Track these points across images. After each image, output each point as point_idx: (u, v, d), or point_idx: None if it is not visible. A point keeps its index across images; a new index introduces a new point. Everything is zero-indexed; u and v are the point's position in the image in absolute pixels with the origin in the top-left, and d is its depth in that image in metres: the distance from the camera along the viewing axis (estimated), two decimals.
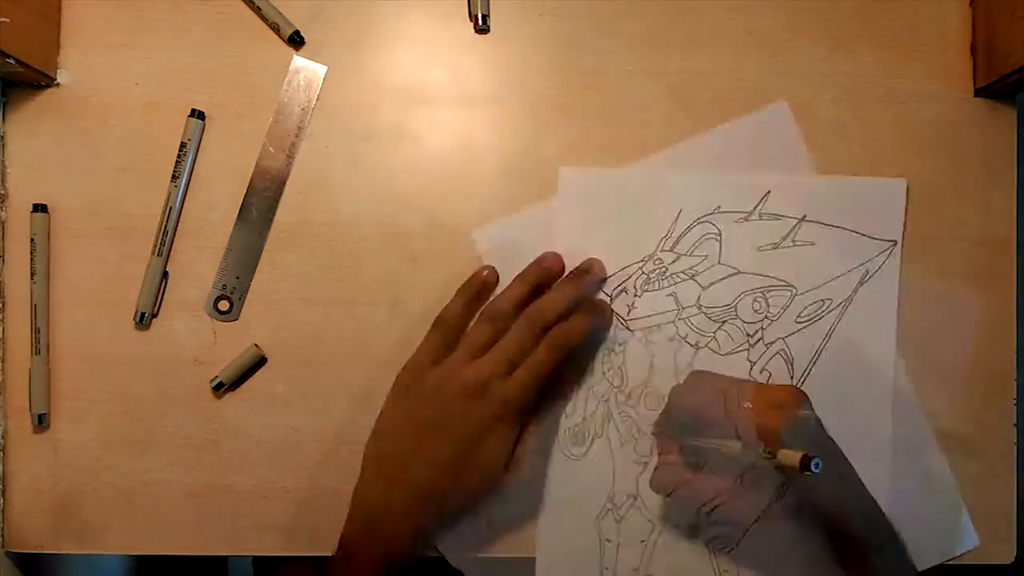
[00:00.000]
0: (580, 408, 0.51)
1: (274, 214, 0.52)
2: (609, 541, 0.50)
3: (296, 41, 0.51)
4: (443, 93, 0.52)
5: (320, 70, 0.52)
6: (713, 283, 0.51)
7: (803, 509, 0.45)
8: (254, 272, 0.51)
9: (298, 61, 0.52)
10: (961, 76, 0.52)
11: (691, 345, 0.51)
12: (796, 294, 0.51)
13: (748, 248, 0.51)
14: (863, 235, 0.51)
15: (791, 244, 0.51)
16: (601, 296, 0.51)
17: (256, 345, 0.51)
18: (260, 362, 0.51)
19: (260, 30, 0.52)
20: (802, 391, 0.45)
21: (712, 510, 0.46)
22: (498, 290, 0.51)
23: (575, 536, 0.51)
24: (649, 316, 0.51)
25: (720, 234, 0.51)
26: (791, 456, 0.39)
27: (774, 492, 0.44)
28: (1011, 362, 0.52)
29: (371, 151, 0.52)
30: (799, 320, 0.51)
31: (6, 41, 0.45)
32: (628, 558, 0.50)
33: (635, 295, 0.51)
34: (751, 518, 0.46)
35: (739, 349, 0.51)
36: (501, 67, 0.52)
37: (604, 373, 0.51)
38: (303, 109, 0.52)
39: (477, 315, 0.49)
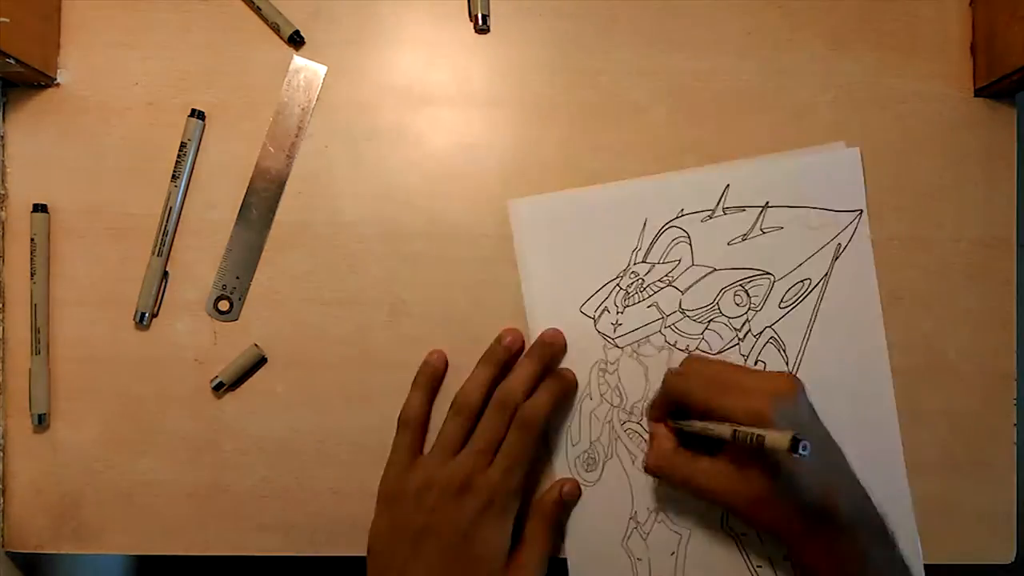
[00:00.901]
0: (585, 434, 0.51)
1: (274, 214, 0.52)
2: (640, 560, 0.50)
3: (296, 41, 0.51)
4: (443, 93, 0.52)
5: (320, 70, 0.52)
6: (691, 285, 0.51)
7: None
8: (254, 272, 0.51)
9: (298, 61, 0.52)
10: (961, 76, 0.52)
11: (681, 350, 0.51)
12: (775, 280, 0.51)
13: (719, 244, 0.51)
14: (828, 210, 0.51)
15: (760, 232, 0.51)
16: (583, 319, 0.51)
17: (256, 345, 0.51)
18: (260, 362, 0.51)
19: (260, 30, 0.52)
20: (796, 378, 0.45)
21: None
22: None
23: (605, 562, 0.51)
24: (635, 330, 0.51)
25: (689, 236, 0.51)
26: (779, 438, 0.39)
27: (767, 475, 0.43)
28: (1011, 362, 0.52)
29: (371, 151, 0.52)
30: (783, 305, 0.51)
31: (6, 41, 0.45)
32: (662, 572, 0.50)
33: (618, 312, 0.51)
34: (749, 504, 0.45)
35: (730, 346, 0.51)
36: (501, 67, 0.52)
37: (602, 395, 0.51)
38: (303, 109, 0.52)
39: (449, 409, 0.49)
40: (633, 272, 0.51)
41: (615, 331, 0.51)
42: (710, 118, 0.52)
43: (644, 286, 0.51)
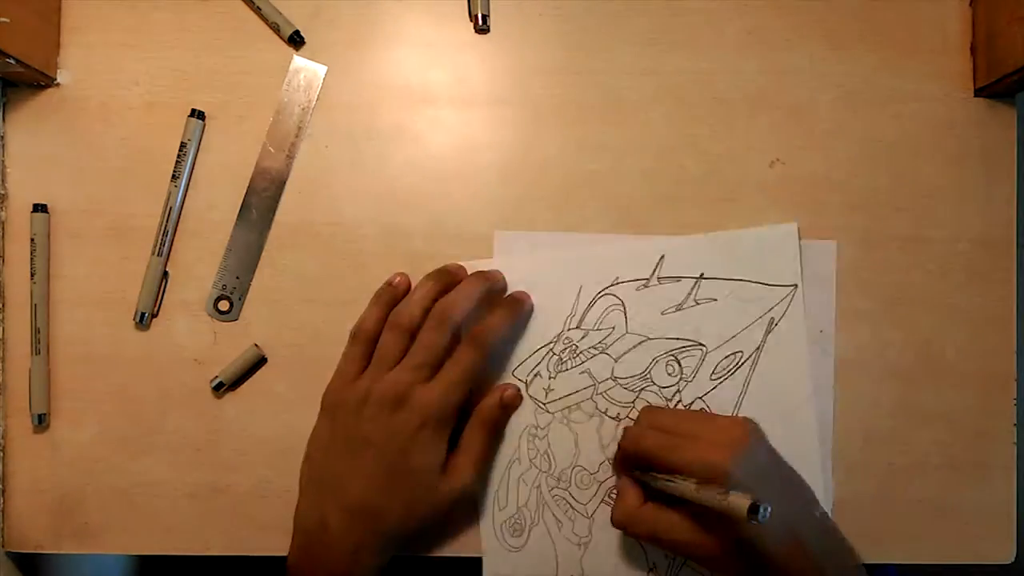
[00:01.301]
0: (513, 498, 0.51)
1: (274, 214, 0.52)
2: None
3: (296, 41, 0.51)
4: (443, 93, 0.52)
5: (320, 70, 0.52)
6: (624, 353, 0.51)
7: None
8: (254, 272, 0.51)
9: (298, 61, 0.52)
10: (961, 76, 0.52)
11: (612, 418, 0.51)
12: (707, 351, 0.51)
13: (653, 313, 0.51)
14: (762, 283, 0.51)
15: (694, 303, 0.51)
16: (515, 382, 0.51)
17: (256, 345, 0.51)
18: (260, 362, 0.51)
19: (260, 30, 0.52)
20: (750, 421, 0.45)
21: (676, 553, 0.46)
22: None
23: None
24: (567, 396, 0.51)
25: (623, 304, 0.51)
26: (737, 506, 0.38)
27: (733, 528, 0.43)
28: (1011, 362, 0.52)
29: (371, 151, 0.52)
30: (714, 377, 0.51)
31: (6, 41, 0.45)
32: None
33: (550, 377, 0.51)
34: (716, 556, 0.44)
35: None
36: (501, 67, 0.52)
37: (531, 460, 0.51)
38: (303, 109, 0.52)
39: (388, 327, 0.49)
40: (567, 338, 0.51)
41: (547, 396, 0.51)
42: (710, 118, 0.52)
43: (577, 352, 0.51)
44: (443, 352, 0.47)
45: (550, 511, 0.51)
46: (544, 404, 0.51)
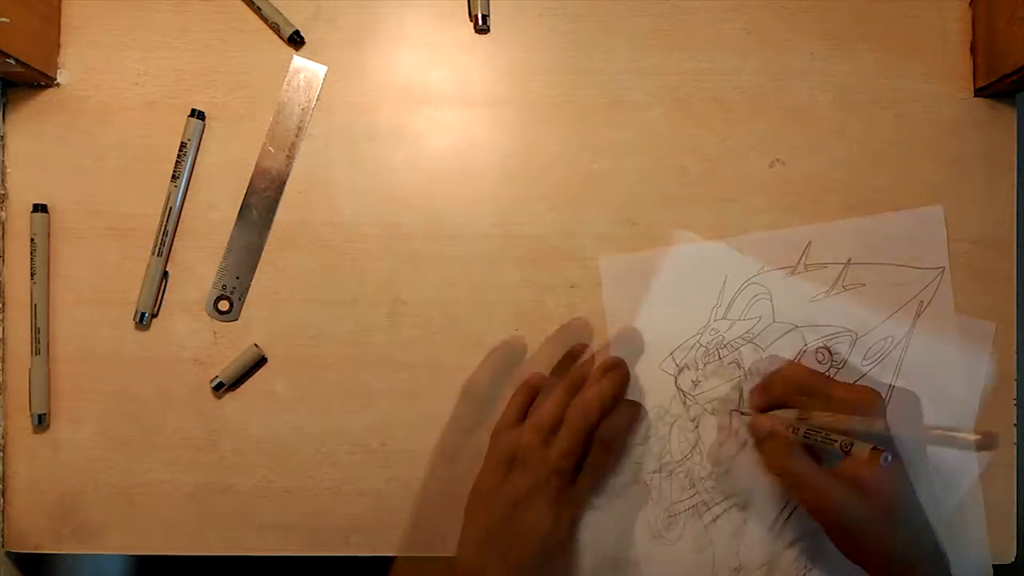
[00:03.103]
0: (667, 492, 0.51)
1: (274, 214, 0.52)
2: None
3: (296, 41, 0.51)
4: (443, 93, 0.52)
5: (320, 70, 0.52)
6: (772, 342, 0.51)
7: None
8: (254, 272, 0.51)
9: (298, 61, 0.52)
10: (961, 76, 0.52)
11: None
12: (857, 338, 0.50)
13: (801, 301, 0.50)
14: (911, 267, 0.51)
15: (842, 289, 0.50)
16: (663, 375, 0.51)
17: (256, 345, 0.51)
18: (260, 362, 0.51)
19: (260, 30, 0.52)
20: (878, 393, 0.45)
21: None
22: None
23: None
24: (715, 387, 0.51)
25: (770, 293, 0.51)
26: (862, 448, 0.40)
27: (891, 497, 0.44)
28: (1011, 362, 0.52)
29: (371, 151, 0.52)
30: (865, 362, 0.50)
31: (6, 41, 0.45)
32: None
33: (698, 369, 0.51)
34: (862, 523, 0.44)
35: None
36: (501, 67, 0.52)
37: (683, 453, 0.51)
38: (303, 109, 0.52)
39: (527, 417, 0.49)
40: (713, 329, 0.51)
41: (695, 388, 0.51)
42: (710, 118, 0.52)
43: (724, 343, 0.51)
44: (580, 457, 0.47)
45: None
46: (693, 396, 0.51)
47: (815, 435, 0.43)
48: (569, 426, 0.46)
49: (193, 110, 0.51)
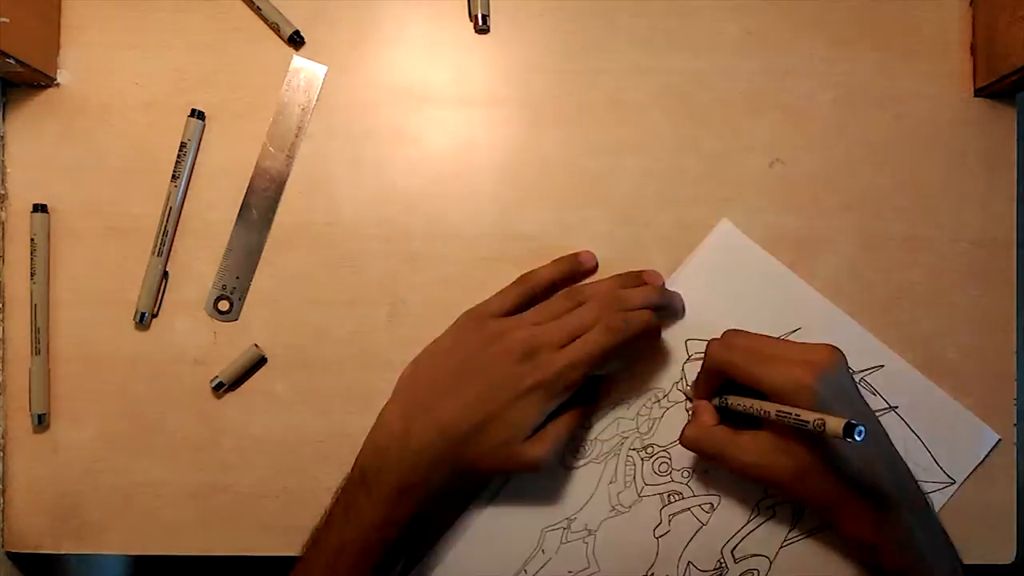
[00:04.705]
0: (598, 428, 0.51)
1: (274, 214, 0.52)
2: (543, 553, 0.50)
3: (296, 41, 0.51)
4: (443, 93, 0.52)
5: (320, 70, 0.52)
6: None
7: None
8: (254, 272, 0.51)
9: (298, 61, 0.52)
10: (961, 76, 0.52)
11: None
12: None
13: None
14: (932, 459, 0.51)
15: (883, 409, 0.51)
16: (677, 355, 0.51)
17: (256, 345, 0.51)
18: (260, 362, 0.51)
19: (260, 30, 0.52)
20: (837, 349, 0.45)
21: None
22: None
23: (515, 534, 0.50)
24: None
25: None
26: (833, 424, 0.38)
27: (809, 449, 0.44)
28: (1011, 362, 0.52)
29: (371, 151, 0.52)
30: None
31: (6, 41, 0.45)
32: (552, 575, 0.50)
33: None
34: (784, 478, 0.45)
35: None
36: (501, 67, 0.52)
37: (637, 414, 0.51)
38: (303, 109, 0.52)
39: (564, 290, 0.49)
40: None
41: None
42: (710, 118, 0.52)
43: None
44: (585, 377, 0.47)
45: (618, 463, 0.51)
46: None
47: (786, 416, 0.42)
48: (591, 341, 0.46)
49: (193, 110, 0.51)
